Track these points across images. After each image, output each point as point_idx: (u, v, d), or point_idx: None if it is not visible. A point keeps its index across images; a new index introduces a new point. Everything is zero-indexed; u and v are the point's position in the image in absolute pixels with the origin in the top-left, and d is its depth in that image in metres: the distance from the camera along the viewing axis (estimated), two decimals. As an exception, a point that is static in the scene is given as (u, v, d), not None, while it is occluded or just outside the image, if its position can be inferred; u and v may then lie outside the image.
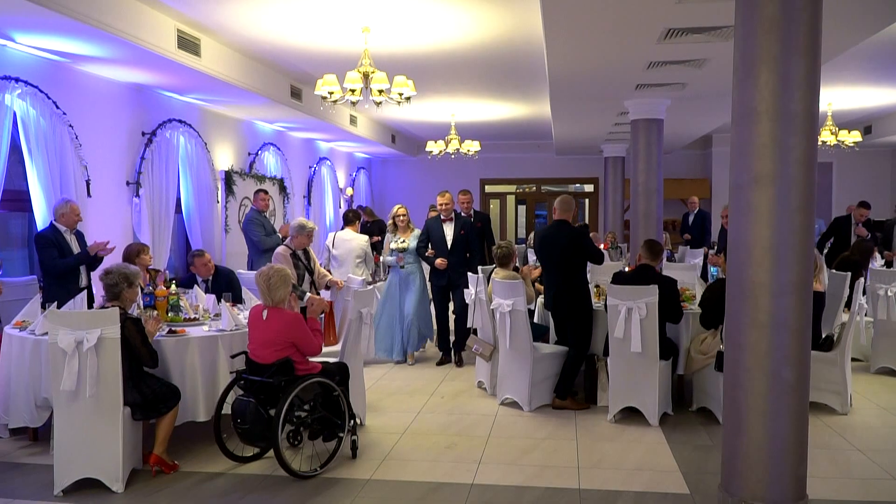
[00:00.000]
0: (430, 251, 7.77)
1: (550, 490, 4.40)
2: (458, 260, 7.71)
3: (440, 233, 7.79)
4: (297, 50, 8.41)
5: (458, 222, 7.86)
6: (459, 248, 7.76)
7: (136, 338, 4.46)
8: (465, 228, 7.83)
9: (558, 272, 6.14)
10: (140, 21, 6.64)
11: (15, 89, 6.54)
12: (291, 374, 4.51)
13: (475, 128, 14.55)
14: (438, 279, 7.82)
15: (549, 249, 6.20)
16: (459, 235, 7.77)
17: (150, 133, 8.77)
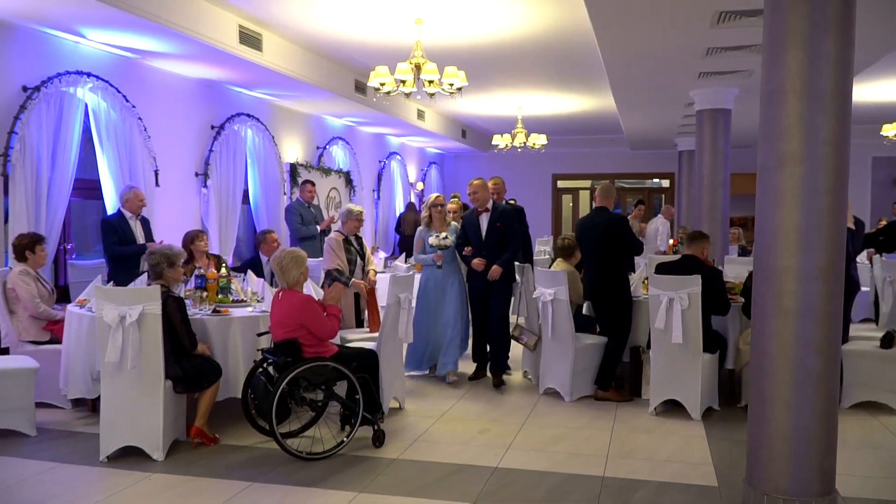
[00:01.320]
0: (466, 249, 6.64)
1: (572, 476, 4.37)
2: (492, 256, 6.51)
3: (475, 227, 6.63)
4: (355, 43, 8.59)
5: (495, 213, 6.60)
6: (495, 243, 6.54)
7: (176, 316, 4.68)
8: (501, 219, 6.55)
9: (595, 259, 6.10)
10: (203, 18, 6.93)
11: (87, 83, 6.94)
12: (297, 354, 4.62)
13: (543, 122, 14.46)
14: (475, 281, 6.65)
15: (588, 236, 6.16)
16: (494, 228, 6.52)
17: (218, 126, 9.13)
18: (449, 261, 6.76)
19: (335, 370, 4.74)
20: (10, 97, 6.23)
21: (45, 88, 6.47)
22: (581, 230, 6.36)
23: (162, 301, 4.58)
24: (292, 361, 4.63)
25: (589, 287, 6.18)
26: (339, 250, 6.77)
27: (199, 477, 4.33)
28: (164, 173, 8.06)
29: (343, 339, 6.00)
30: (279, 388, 4.51)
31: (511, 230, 6.54)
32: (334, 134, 12.52)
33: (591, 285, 6.14)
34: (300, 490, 4.14)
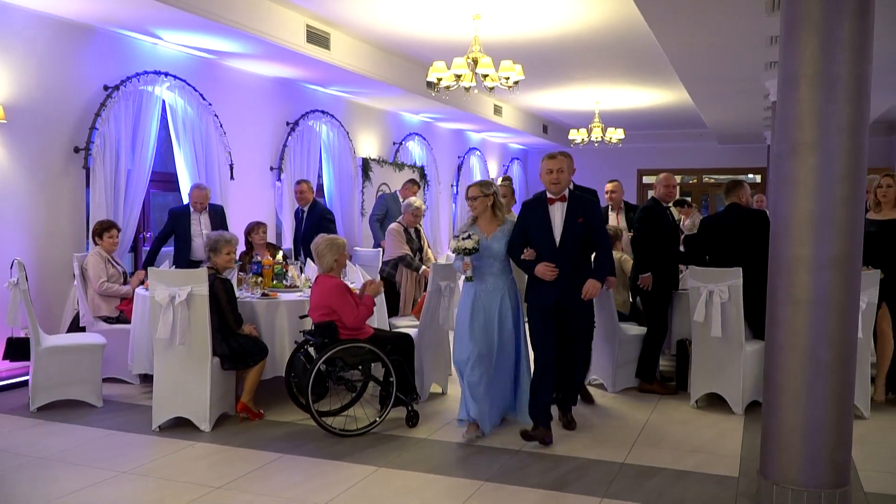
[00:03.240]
0: (527, 252, 4.79)
1: (590, 461, 4.42)
2: (572, 263, 4.71)
3: (543, 220, 4.76)
4: (418, 40, 8.82)
5: (575, 203, 4.77)
6: (573, 245, 4.73)
7: (221, 297, 5.02)
8: (584, 212, 4.75)
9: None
10: (272, 19, 7.31)
11: (164, 82, 7.45)
12: (334, 336, 4.85)
13: (622, 116, 14.29)
14: (540, 297, 4.78)
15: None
16: (574, 224, 4.72)
17: (293, 123, 9.56)
18: (494, 271, 4.87)
19: (370, 352, 4.96)
20: (91, 96, 6.79)
21: (125, 87, 7.00)
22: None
23: (210, 282, 4.92)
24: (329, 342, 4.87)
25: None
26: (400, 239, 7.08)
27: (238, 447, 4.63)
28: (238, 167, 8.52)
29: (392, 325, 6.23)
30: (315, 368, 4.77)
31: (597, 228, 4.81)
32: (411, 130, 12.81)
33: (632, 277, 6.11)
34: (325, 462, 4.37)
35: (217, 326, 5.02)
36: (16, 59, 6.15)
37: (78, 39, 6.68)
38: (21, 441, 4.73)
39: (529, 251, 4.77)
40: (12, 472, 4.19)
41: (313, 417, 4.81)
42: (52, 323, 6.38)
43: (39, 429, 4.98)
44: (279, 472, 4.21)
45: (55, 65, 6.49)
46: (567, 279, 4.69)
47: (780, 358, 3.67)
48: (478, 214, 4.89)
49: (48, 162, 6.46)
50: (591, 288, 4.69)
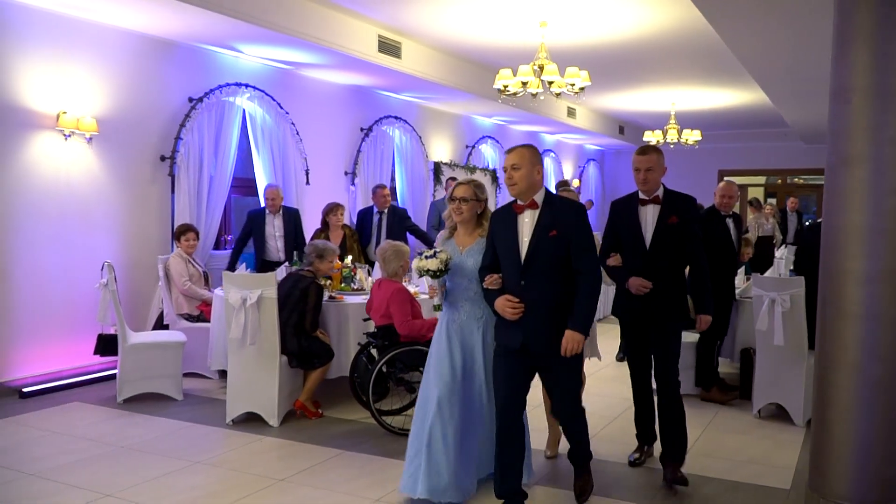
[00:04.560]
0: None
1: (644, 469, 4.47)
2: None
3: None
4: (486, 47, 8.96)
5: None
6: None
7: (312, 300, 5.30)
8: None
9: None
10: (345, 31, 7.61)
11: (244, 93, 7.85)
12: (394, 338, 5.05)
13: (699, 116, 14.03)
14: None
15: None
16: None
17: (367, 128, 9.86)
18: (471, 296, 3.88)
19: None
20: (177, 107, 7.23)
21: (208, 99, 7.42)
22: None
23: (306, 284, 5.27)
24: (389, 344, 5.09)
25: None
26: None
27: (302, 442, 4.90)
28: (314, 172, 8.87)
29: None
30: (377, 369, 4.99)
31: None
32: (484, 133, 12.96)
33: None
34: (381, 460, 4.59)
35: (294, 323, 5.29)
36: (108, 74, 6.62)
37: (165, 55, 7.13)
38: (108, 430, 5.14)
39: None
40: (98, 458, 4.58)
41: (373, 416, 5.03)
42: (139, 321, 6.84)
43: (124, 419, 5.39)
44: (337, 468, 4.45)
45: (144, 79, 6.95)
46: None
47: (830, 372, 3.65)
48: (462, 221, 3.91)
49: (137, 170, 6.93)
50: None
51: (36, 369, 6.11)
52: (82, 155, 6.44)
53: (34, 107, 6.05)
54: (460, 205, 3.87)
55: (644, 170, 4.15)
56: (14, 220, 5.96)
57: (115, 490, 4.06)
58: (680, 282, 4.21)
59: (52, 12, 6.11)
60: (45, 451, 4.68)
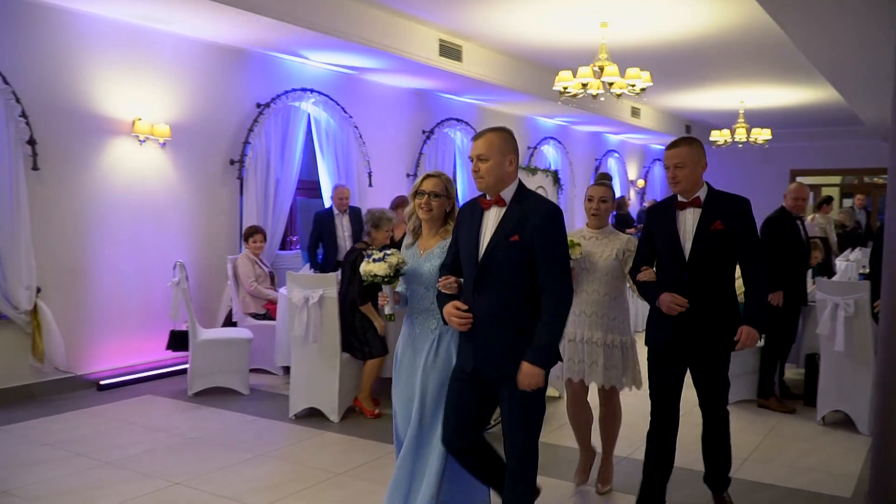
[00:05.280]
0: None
1: (696, 473, 4.44)
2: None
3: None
4: (547, 48, 8.97)
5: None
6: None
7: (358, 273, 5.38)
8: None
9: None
10: (407, 36, 7.76)
11: (310, 98, 8.08)
12: None
13: (770, 114, 13.69)
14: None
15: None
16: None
17: (428, 131, 10.00)
18: (428, 305, 3.26)
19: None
20: (245, 112, 7.50)
21: (275, 104, 7.67)
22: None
23: (354, 256, 5.32)
24: None
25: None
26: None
27: (361, 438, 5.05)
28: (377, 174, 9.06)
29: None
30: None
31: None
32: (546, 134, 12.95)
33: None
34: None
35: (352, 299, 5.37)
36: (181, 82, 6.92)
37: (234, 62, 7.40)
38: (178, 422, 5.39)
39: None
40: (169, 448, 4.82)
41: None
42: (209, 318, 7.13)
43: (194, 412, 5.64)
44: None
45: (214, 86, 7.23)
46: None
47: (889, 379, 3.58)
48: (429, 220, 3.31)
49: (207, 173, 7.21)
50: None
51: (112, 363, 6.44)
52: (156, 159, 6.75)
53: (112, 114, 6.38)
54: (430, 200, 3.27)
55: (672, 166, 3.50)
56: (93, 221, 6.30)
57: (184, 478, 4.28)
58: (728, 301, 3.52)
59: (130, 23, 6.43)
60: (120, 441, 4.95)
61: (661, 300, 3.52)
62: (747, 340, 3.44)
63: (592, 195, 4.01)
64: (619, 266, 3.92)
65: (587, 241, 3.99)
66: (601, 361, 3.92)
